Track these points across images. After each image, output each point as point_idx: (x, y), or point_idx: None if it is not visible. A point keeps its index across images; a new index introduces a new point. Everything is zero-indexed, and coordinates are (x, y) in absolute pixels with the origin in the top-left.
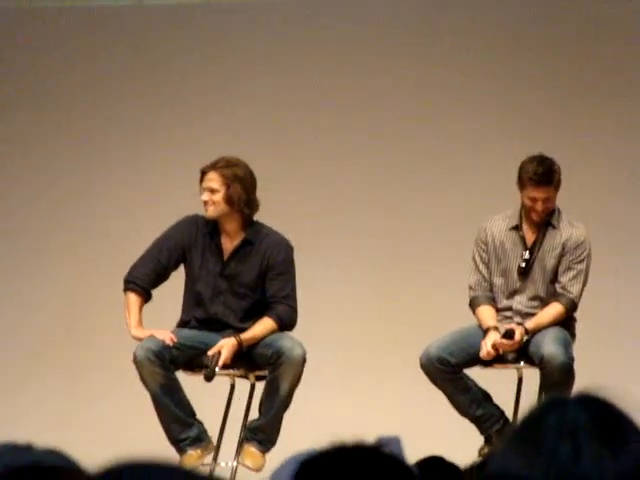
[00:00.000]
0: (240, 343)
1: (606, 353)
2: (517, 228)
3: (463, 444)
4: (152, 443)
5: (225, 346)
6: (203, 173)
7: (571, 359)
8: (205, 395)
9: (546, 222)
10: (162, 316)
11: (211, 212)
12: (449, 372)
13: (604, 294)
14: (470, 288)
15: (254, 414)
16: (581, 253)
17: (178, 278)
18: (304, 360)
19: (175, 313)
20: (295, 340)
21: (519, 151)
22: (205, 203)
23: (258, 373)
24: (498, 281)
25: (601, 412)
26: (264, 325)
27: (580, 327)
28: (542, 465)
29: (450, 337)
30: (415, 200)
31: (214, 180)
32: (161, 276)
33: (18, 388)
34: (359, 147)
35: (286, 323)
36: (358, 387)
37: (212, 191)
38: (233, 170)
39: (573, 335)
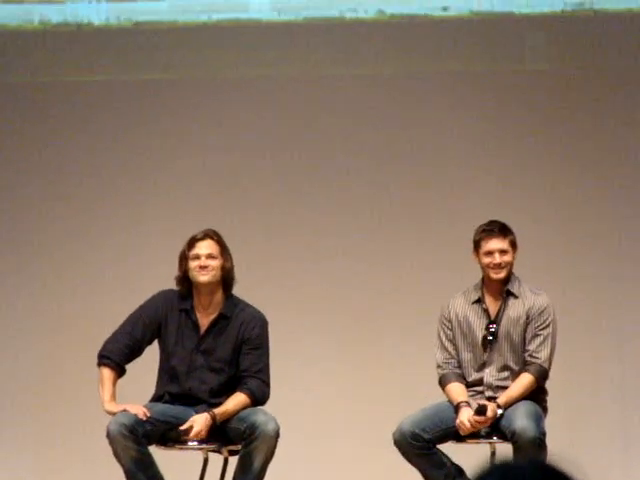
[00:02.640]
0: (214, 418)
1: (577, 426)
2: (479, 301)
3: None
4: None
5: (197, 421)
6: (196, 240)
7: (542, 434)
8: (178, 470)
9: (506, 292)
10: (136, 391)
11: (209, 277)
12: (423, 448)
13: (574, 365)
14: (438, 366)
15: None
16: (546, 319)
17: (153, 353)
18: (277, 435)
19: (149, 388)
20: (269, 415)
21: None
22: (203, 268)
23: (231, 447)
24: (467, 356)
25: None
26: (237, 400)
27: (551, 400)
28: None
29: (422, 413)
30: (387, 275)
31: (212, 247)
32: (135, 351)
33: None
34: (331, 223)
35: (259, 398)
36: (331, 463)
37: (210, 257)
38: (223, 242)
39: (545, 409)
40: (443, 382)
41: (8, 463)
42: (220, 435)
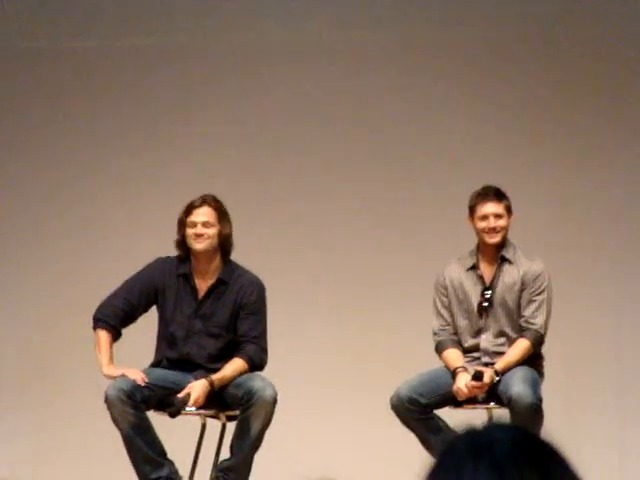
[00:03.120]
0: (212, 384)
1: (574, 391)
2: (474, 268)
3: None
4: None
5: (194, 388)
6: (193, 207)
7: (539, 399)
8: (176, 435)
9: (501, 257)
10: (136, 356)
11: (204, 245)
12: (420, 413)
13: (569, 332)
14: (434, 334)
15: (225, 454)
16: (540, 284)
17: (152, 318)
18: (275, 401)
19: (149, 354)
20: (266, 380)
21: None
22: (199, 236)
23: (229, 413)
24: (462, 322)
25: (519, 434)
26: (235, 366)
27: (548, 366)
28: None
29: (419, 378)
30: (383, 242)
31: (208, 214)
32: (130, 316)
33: None
34: (328, 187)
35: (256, 363)
36: (329, 428)
37: (207, 225)
38: (222, 208)
39: (541, 374)
40: (440, 349)
41: (9, 426)
42: (218, 401)
